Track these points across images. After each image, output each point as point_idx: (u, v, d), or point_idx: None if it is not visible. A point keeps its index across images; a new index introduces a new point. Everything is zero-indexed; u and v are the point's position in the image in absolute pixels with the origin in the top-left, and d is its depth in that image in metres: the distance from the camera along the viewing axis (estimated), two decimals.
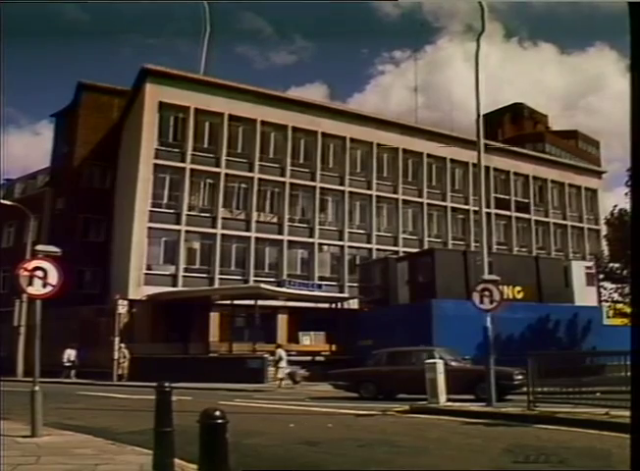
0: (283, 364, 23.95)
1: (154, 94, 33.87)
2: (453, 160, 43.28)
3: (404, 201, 41.38)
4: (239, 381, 23.84)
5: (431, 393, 13.68)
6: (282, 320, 34.98)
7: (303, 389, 22.30)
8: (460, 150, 40.48)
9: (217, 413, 5.13)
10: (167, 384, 6.65)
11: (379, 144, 40.27)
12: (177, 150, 34.70)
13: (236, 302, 31.68)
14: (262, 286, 29.94)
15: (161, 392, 6.61)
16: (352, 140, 39.55)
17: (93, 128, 39.27)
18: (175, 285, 33.11)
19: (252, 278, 34.93)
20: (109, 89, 40.37)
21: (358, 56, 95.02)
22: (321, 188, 38.19)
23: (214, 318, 33.33)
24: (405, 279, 29.84)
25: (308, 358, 29.11)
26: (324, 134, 38.48)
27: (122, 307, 27.98)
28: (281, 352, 24.17)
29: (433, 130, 42.88)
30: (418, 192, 42.30)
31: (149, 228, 32.89)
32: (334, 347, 30.80)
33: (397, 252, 37.98)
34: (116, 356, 27.20)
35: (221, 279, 34.34)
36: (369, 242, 39.38)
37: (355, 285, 35.43)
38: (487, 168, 38.33)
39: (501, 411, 11.54)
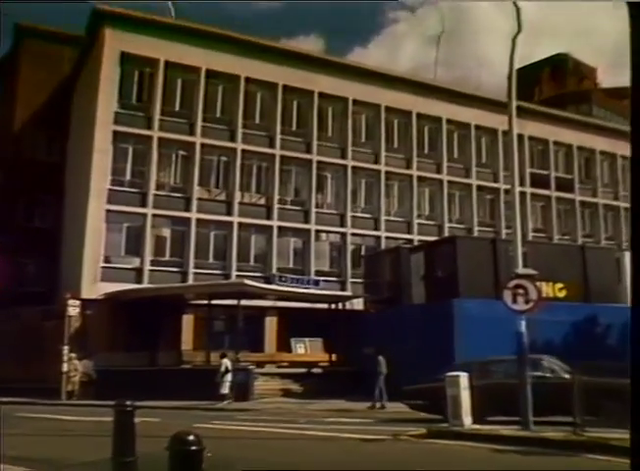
0: (229, 377, 24.72)
1: (114, 43, 33.62)
2: (478, 127, 43.46)
3: (420, 178, 41.68)
4: (218, 398, 24.16)
5: (453, 414, 13.76)
6: (270, 324, 35.27)
7: (297, 407, 22.57)
8: (488, 114, 40.66)
9: (191, 438, 5.13)
10: (129, 402, 6.70)
11: (388, 107, 40.54)
12: (142, 114, 34.81)
13: (214, 302, 31.84)
14: (246, 282, 29.95)
15: (121, 413, 6.66)
16: (356, 103, 39.74)
17: (37, 85, 38.54)
18: (139, 281, 33.32)
19: (235, 272, 35.10)
20: (57, 35, 39.43)
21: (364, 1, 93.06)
22: (318, 162, 38.45)
23: (188, 321, 33.57)
24: (421, 273, 30.15)
25: (303, 370, 29.54)
26: (322, 95, 38.66)
27: (73, 309, 28.06)
28: (227, 363, 24.92)
29: (455, 90, 42.91)
30: (436, 167, 42.55)
31: (108, 211, 32.99)
32: (334, 357, 31.32)
33: (410, 241, 38.38)
34: (65, 369, 27.14)
35: (196, 274, 34.57)
36: (377, 229, 39.87)
37: (360, 281, 35.66)
38: (521, 136, 38.15)
39: (539, 436, 11.51)
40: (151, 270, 33.87)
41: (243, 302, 29.77)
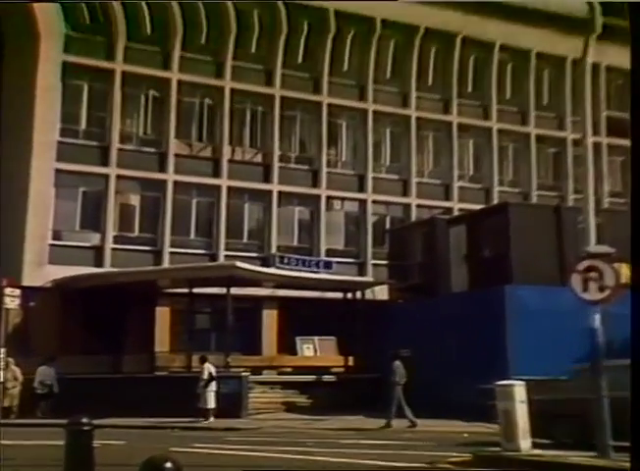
0: (213, 387, 25.04)
1: None
2: (541, 54, 41.67)
3: (461, 126, 41.05)
4: (201, 414, 24.51)
5: (506, 435, 13.66)
6: (269, 318, 35.27)
7: (303, 426, 22.92)
8: (556, 36, 39.32)
9: (168, 465, 4.92)
10: (85, 420, 6.78)
11: (428, 29, 39.13)
12: (101, 38, 34.17)
13: (197, 291, 31.65)
14: (238, 264, 30.00)
15: (75, 435, 6.71)
16: (385, 24, 38.61)
17: None
18: (100, 263, 33.16)
19: (223, 252, 35.01)
20: None
21: None
22: (330, 106, 37.92)
23: (162, 315, 33.59)
24: (462, 252, 30.22)
25: (311, 378, 29.78)
26: (337, 14, 37.50)
27: (11, 300, 27.17)
28: (210, 368, 25.23)
29: (513, 4, 39.52)
30: (483, 111, 41.76)
31: (57, 170, 32.63)
32: (350, 361, 31.42)
33: (449, 210, 38.38)
34: (1, 378, 26.38)
35: (174, 254, 34.44)
36: (405, 194, 39.41)
37: (384, 263, 35.59)
38: (596, 66, 37.05)
39: (621, 467, 11.26)
40: (115, 249, 33.65)
41: (234, 291, 29.81)
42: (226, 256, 34.52)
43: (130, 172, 33.90)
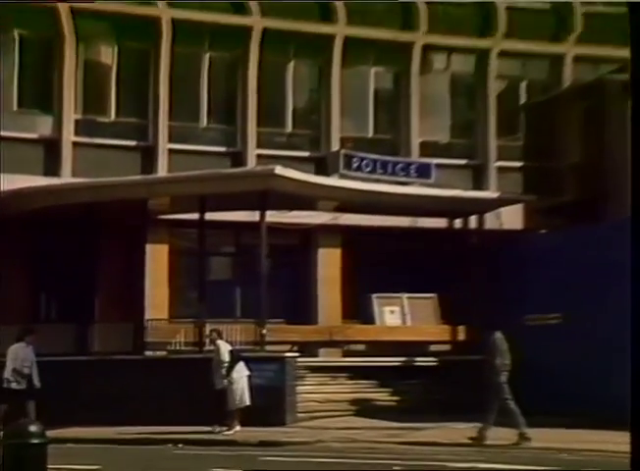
0: (240, 375, 20.83)
1: None
2: None
3: None
4: (221, 420, 20.53)
5: None
6: (328, 263, 28.40)
7: (383, 437, 19.47)
8: None
9: None
10: (34, 429, 6.39)
11: None
12: None
13: (212, 217, 25.59)
14: (279, 171, 23.49)
15: (17, 452, 6.24)
16: None
17: None
18: (53, 170, 26.89)
19: (253, 150, 27.86)
20: None
21: None
22: None
23: (156, 259, 27.28)
24: None
25: (396, 361, 24.97)
26: None
27: None
28: (224, 348, 21.48)
29: None
30: None
31: None
32: (460, 333, 26.10)
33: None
34: None
35: (174, 152, 27.72)
36: (557, 39, 31.12)
37: (517, 165, 29.14)
38: None
39: None
40: (77, 144, 27.09)
41: (272, 217, 24.23)
42: (258, 157, 27.71)
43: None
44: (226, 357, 20.85)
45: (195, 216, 25.45)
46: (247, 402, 20.62)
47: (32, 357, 22.25)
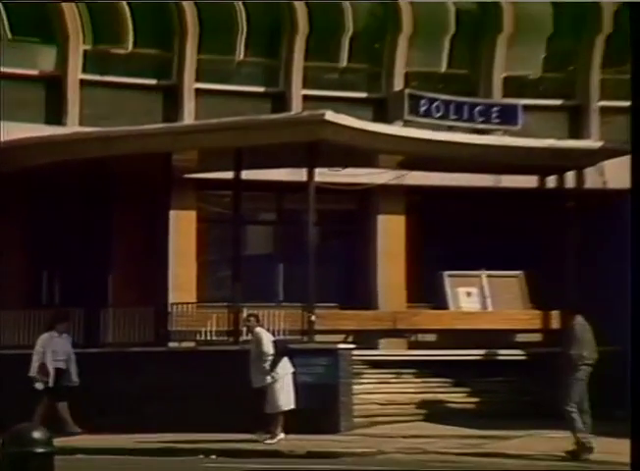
0: (285, 372, 19.35)
1: None
2: None
3: None
4: (262, 425, 19.34)
5: None
6: (391, 233, 25.66)
7: (455, 447, 17.96)
8: None
9: None
10: (38, 435, 5.54)
11: None
12: None
13: (249, 176, 23.56)
14: (329, 116, 21.37)
15: (19, 459, 5.43)
16: None
17: None
18: (56, 117, 24.50)
19: (298, 90, 25.45)
20: None
21: None
22: None
23: (182, 228, 24.51)
24: None
25: (476, 354, 23.19)
26: None
27: None
28: (265, 337, 19.73)
29: None
30: None
31: None
32: (555, 320, 23.87)
33: None
34: None
35: (203, 92, 25.21)
36: None
37: (624, 105, 23.85)
38: None
39: None
40: (86, 82, 24.47)
41: (321, 175, 22.53)
42: (305, 99, 25.01)
43: None
44: (268, 349, 18.94)
45: (229, 175, 23.07)
46: (293, 405, 18.96)
47: (68, 349, 21.35)
